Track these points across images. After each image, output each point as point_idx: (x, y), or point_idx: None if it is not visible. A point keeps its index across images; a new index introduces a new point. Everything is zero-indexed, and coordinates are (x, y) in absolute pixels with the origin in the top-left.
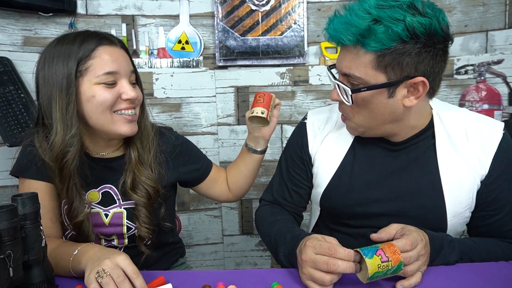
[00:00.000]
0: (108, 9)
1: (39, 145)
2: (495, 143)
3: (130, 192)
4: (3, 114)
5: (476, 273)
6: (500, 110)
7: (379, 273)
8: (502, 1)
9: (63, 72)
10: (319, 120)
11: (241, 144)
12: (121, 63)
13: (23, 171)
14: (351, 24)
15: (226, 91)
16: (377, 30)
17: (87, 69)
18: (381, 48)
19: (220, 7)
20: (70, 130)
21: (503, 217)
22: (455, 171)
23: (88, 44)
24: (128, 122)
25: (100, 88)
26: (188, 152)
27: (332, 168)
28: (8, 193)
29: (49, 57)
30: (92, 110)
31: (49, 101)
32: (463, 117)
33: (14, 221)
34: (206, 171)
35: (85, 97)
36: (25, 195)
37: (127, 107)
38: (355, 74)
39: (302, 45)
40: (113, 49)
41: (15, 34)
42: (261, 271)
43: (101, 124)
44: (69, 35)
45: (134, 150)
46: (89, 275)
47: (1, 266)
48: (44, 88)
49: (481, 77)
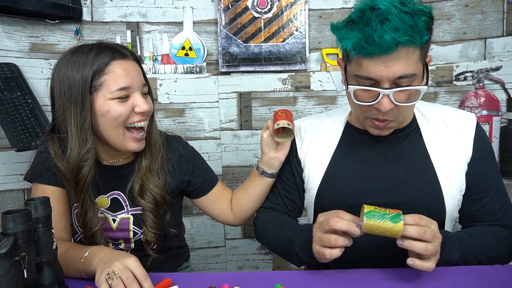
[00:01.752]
0: (113, 16)
1: (54, 152)
2: (472, 128)
3: (138, 197)
4: (10, 119)
5: (472, 276)
6: (498, 116)
7: (376, 212)
8: (500, 9)
9: (77, 87)
10: (305, 125)
11: (243, 149)
12: (133, 77)
13: (37, 176)
14: (406, 24)
15: (229, 97)
16: (419, 24)
17: (101, 85)
18: (426, 39)
19: (223, 14)
20: (85, 145)
21: (490, 199)
22: (444, 156)
23: (102, 58)
24: (137, 140)
25: (114, 103)
26: (194, 163)
27: (321, 168)
28: (14, 197)
29: (64, 70)
30: (106, 124)
31: (64, 115)
32: (439, 109)
33: (29, 224)
34: (209, 186)
35: (99, 112)
36: (38, 200)
37: (139, 119)
38: (412, 72)
39: (303, 52)
40: (126, 63)
41: (23, 41)
42: (265, 273)
43: (113, 138)
44: (83, 47)
45: (144, 158)
46: (100, 276)
47: (17, 268)
48: (59, 101)
49: (480, 84)
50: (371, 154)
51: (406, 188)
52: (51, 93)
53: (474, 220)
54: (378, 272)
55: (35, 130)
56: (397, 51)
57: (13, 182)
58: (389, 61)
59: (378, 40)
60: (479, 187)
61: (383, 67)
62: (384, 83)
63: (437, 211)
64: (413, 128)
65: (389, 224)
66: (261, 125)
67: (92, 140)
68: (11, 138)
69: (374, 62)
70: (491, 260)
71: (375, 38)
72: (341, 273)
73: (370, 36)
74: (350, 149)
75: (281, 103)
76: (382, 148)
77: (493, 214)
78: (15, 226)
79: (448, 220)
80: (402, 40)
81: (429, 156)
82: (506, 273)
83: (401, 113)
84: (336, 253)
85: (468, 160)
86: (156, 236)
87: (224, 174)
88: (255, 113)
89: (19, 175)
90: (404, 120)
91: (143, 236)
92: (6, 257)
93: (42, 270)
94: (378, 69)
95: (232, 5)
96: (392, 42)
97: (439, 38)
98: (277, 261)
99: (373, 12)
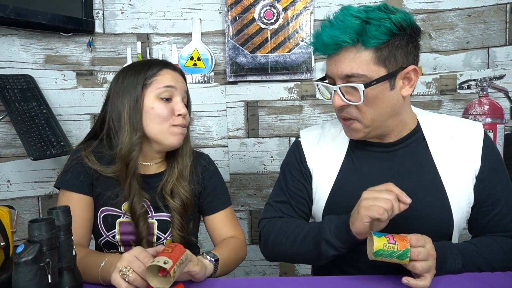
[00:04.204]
0: (124, 28)
1: (87, 158)
2: (480, 139)
3: (168, 198)
4: (27, 129)
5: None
6: (502, 124)
7: (384, 251)
8: (502, 19)
9: (133, 85)
10: (313, 136)
11: (250, 156)
12: (178, 83)
13: (66, 184)
14: (347, 26)
15: (236, 106)
16: (369, 29)
17: (151, 83)
18: (378, 43)
19: (231, 25)
20: (136, 133)
21: (500, 211)
22: (451, 168)
23: (155, 67)
24: (180, 134)
25: (158, 102)
26: (212, 180)
27: (330, 180)
28: (29, 204)
29: (122, 76)
30: (150, 120)
31: (118, 108)
32: (445, 120)
33: (52, 232)
34: (214, 209)
35: (146, 108)
36: (59, 209)
37: (180, 123)
38: (359, 72)
39: (309, 61)
40: (174, 72)
41: (38, 53)
42: (273, 279)
43: (157, 131)
44: (140, 61)
45: (177, 164)
46: (112, 274)
47: (42, 273)
48: (114, 99)
49: (484, 92)
50: (378, 166)
51: (414, 201)
52: (107, 96)
53: (484, 231)
54: (385, 278)
55: (50, 139)
56: (341, 51)
57: (28, 190)
58: (338, 60)
59: (319, 38)
60: (488, 199)
61: (334, 65)
62: (337, 80)
63: (445, 224)
64: (418, 137)
65: (395, 260)
66: (268, 133)
67: (142, 131)
68: (27, 147)
69: (331, 60)
70: (495, 271)
71: (318, 37)
72: (348, 279)
73: (318, 36)
74: (357, 161)
75: (288, 111)
76: (389, 160)
77: (503, 225)
78: (40, 234)
79: (456, 231)
80: (339, 40)
81: (436, 169)
82: (506, 280)
83: (363, 115)
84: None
85: (477, 173)
86: (183, 240)
87: (232, 181)
88: (262, 122)
89: (33, 183)
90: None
91: (165, 241)
92: (32, 263)
93: (62, 275)
94: (331, 67)
95: (239, 17)
96: (329, 40)
97: (443, 47)
98: (284, 268)
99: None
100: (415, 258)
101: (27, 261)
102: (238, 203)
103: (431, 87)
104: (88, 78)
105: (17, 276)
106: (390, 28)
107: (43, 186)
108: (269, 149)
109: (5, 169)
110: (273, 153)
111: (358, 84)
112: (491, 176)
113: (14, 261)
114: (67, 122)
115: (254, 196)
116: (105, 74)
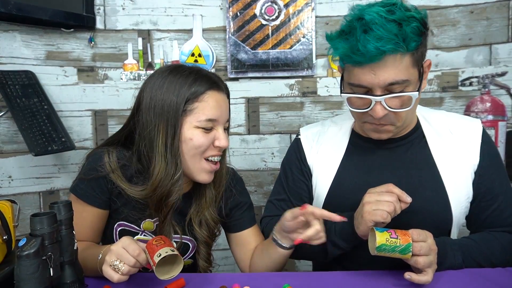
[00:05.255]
0: (125, 24)
1: (110, 167)
2: (478, 135)
3: (197, 228)
4: (28, 125)
5: (473, 278)
6: (504, 121)
7: (387, 246)
8: (505, 15)
9: (172, 106)
10: (312, 133)
11: (251, 153)
12: (222, 111)
13: (81, 194)
14: (390, 32)
15: (237, 102)
16: (407, 30)
17: (192, 111)
18: (416, 45)
19: (232, 22)
20: (176, 170)
21: (499, 206)
22: (450, 164)
23: (200, 86)
24: (209, 172)
25: (198, 132)
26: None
27: (329, 176)
28: (30, 200)
29: (159, 85)
30: (185, 151)
31: (151, 131)
32: (444, 116)
33: (54, 226)
34: (237, 228)
35: (183, 137)
36: (61, 203)
37: (216, 154)
38: (403, 78)
39: (310, 58)
40: (220, 95)
41: (39, 49)
42: (273, 274)
43: (188, 165)
44: (182, 68)
45: (209, 190)
46: (103, 267)
47: (44, 266)
48: (147, 115)
49: (486, 89)
50: (378, 163)
51: (413, 196)
52: (137, 104)
53: (483, 226)
54: (386, 273)
55: (51, 135)
56: (384, 59)
57: (29, 185)
58: (378, 68)
59: (362, 49)
60: (486, 194)
61: (372, 75)
62: (376, 90)
63: (444, 219)
64: (418, 135)
65: (398, 255)
66: (268, 129)
67: (182, 168)
68: (29, 143)
69: (364, 70)
70: (494, 266)
71: (359, 48)
72: (349, 274)
73: (354, 46)
74: (356, 158)
75: (289, 108)
76: (388, 156)
77: (502, 220)
78: (42, 227)
79: (455, 227)
80: (386, 49)
81: (435, 164)
82: (506, 275)
83: (398, 118)
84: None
85: (475, 168)
86: (208, 265)
87: None
88: (263, 118)
89: (35, 179)
90: (406, 125)
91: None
92: (34, 256)
93: (64, 269)
94: (368, 77)
95: (241, 13)
96: (375, 51)
97: (445, 44)
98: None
99: (358, 23)
100: (417, 252)
101: (29, 255)
102: None
103: (432, 84)
104: (89, 74)
105: (19, 269)
106: (420, 28)
107: (44, 182)
108: (270, 146)
109: (6, 164)
110: (274, 150)
111: (412, 92)
112: (489, 172)
113: (17, 254)
114: (68, 118)
115: (255, 193)
116: (106, 70)
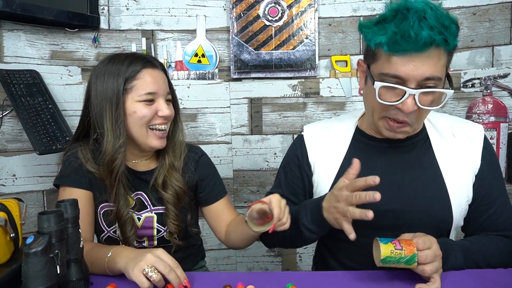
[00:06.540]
0: (129, 25)
1: (84, 157)
2: (480, 140)
3: (161, 191)
4: (33, 124)
5: (474, 279)
6: (506, 122)
7: (392, 258)
8: (507, 17)
9: (113, 89)
10: (315, 130)
11: (254, 153)
12: (160, 85)
13: (65, 180)
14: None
15: (240, 102)
16: (453, 28)
17: (132, 88)
18: (455, 45)
19: (235, 22)
20: (119, 139)
21: (496, 210)
22: (453, 166)
23: (135, 66)
24: (159, 138)
25: (141, 105)
26: (206, 172)
27: (331, 174)
28: (34, 198)
29: (101, 74)
30: (132, 123)
31: (100, 112)
32: (447, 119)
33: (61, 224)
34: (213, 198)
35: (128, 112)
36: (67, 201)
37: (161, 122)
38: (438, 75)
39: (313, 59)
40: (155, 71)
41: (44, 48)
42: (277, 273)
43: (137, 136)
44: (119, 56)
45: (167, 156)
46: (134, 271)
47: (51, 264)
48: (96, 101)
49: (488, 90)
50: (381, 161)
51: (415, 196)
52: (87, 94)
53: (479, 229)
54: (387, 273)
55: (56, 134)
56: (430, 50)
57: (33, 184)
58: (420, 60)
59: (414, 36)
60: (485, 198)
61: (412, 66)
62: (411, 82)
63: (444, 220)
64: (423, 137)
65: (403, 266)
66: (271, 130)
67: (125, 136)
68: (33, 142)
69: (404, 60)
70: (492, 267)
71: (411, 34)
72: (350, 274)
73: (406, 32)
74: (360, 155)
75: (291, 108)
76: (392, 155)
77: (499, 224)
78: (49, 225)
79: (454, 228)
80: (437, 39)
81: (438, 166)
82: (508, 276)
83: (420, 117)
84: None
85: (476, 172)
86: (178, 228)
87: (235, 178)
88: (266, 119)
89: (39, 177)
90: (420, 128)
91: (166, 234)
92: (42, 254)
93: (70, 267)
94: (407, 68)
95: (244, 14)
96: (428, 39)
97: None
98: (286, 263)
99: (409, 11)
100: (423, 261)
101: (36, 252)
102: (241, 199)
103: None
104: None
105: (27, 267)
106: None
107: (48, 180)
108: (273, 146)
109: (10, 163)
110: (276, 150)
111: (447, 90)
112: (489, 176)
113: (24, 252)
114: (72, 117)
115: (257, 193)
116: None
